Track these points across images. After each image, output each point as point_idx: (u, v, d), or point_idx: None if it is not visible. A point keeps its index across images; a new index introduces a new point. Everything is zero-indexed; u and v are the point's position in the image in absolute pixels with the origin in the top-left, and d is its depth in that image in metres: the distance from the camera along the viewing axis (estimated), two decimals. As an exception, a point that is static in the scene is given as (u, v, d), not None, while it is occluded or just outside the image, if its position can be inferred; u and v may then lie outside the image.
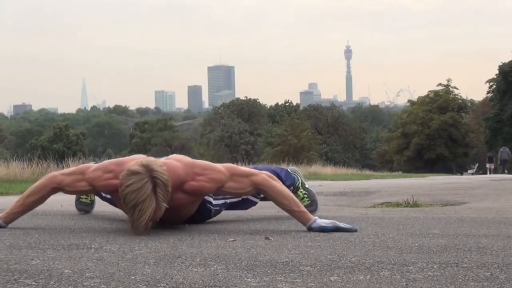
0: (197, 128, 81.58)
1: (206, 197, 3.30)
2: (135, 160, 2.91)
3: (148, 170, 2.79)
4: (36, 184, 3.18)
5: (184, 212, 3.17)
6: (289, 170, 3.85)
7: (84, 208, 4.07)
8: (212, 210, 3.40)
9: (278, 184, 3.08)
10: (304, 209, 3.06)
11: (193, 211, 3.21)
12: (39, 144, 53.07)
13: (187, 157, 3.15)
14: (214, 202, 3.38)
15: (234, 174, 3.06)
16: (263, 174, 3.10)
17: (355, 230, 3.00)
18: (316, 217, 3.06)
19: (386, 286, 1.69)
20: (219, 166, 3.09)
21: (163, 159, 3.10)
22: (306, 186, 3.84)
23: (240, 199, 3.50)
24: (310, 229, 2.98)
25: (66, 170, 3.21)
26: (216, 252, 2.30)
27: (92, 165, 3.16)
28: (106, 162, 3.15)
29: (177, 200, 2.99)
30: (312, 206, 3.76)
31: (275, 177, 3.17)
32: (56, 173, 3.20)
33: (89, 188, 3.10)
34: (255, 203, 3.61)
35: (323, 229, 2.96)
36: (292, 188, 3.74)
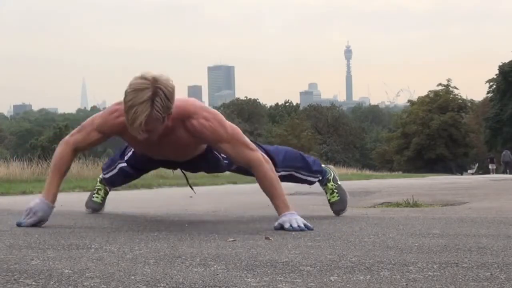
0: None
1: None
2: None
3: (154, 79, 2.83)
4: (56, 155, 3.23)
5: (186, 150, 3.21)
6: (323, 165, 3.87)
7: (93, 206, 4.08)
8: (221, 159, 3.39)
9: (269, 170, 3.07)
10: (283, 204, 3.04)
11: (196, 152, 3.25)
12: (39, 144, 52.97)
13: (204, 104, 3.19)
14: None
15: (235, 139, 3.08)
16: (259, 154, 3.09)
17: (310, 229, 2.96)
18: (291, 213, 3.00)
19: (386, 286, 1.68)
20: (227, 124, 3.11)
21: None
22: (339, 183, 3.82)
23: None
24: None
25: (73, 131, 3.29)
26: (216, 252, 2.30)
27: (96, 115, 3.25)
28: (110, 106, 3.23)
29: (180, 136, 3.05)
30: (340, 205, 3.77)
31: (270, 162, 3.13)
32: (66, 138, 3.27)
33: (100, 135, 3.18)
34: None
35: (281, 227, 2.98)
36: (319, 177, 3.76)
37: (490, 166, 36.10)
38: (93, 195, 4.10)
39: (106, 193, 4.10)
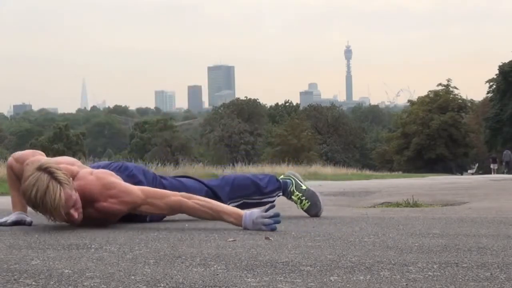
0: (197, 128, 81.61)
1: None
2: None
3: (35, 168, 2.88)
4: (7, 177, 3.42)
5: (105, 220, 3.21)
6: (278, 177, 3.76)
7: None
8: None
9: (191, 203, 3.06)
10: (232, 218, 3.03)
11: (119, 216, 3.23)
12: (39, 144, 52.87)
13: (111, 176, 3.14)
14: None
15: (150, 198, 3.09)
16: (178, 196, 3.09)
17: (274, 229, 2.94)
18: (248, 219, 2.99)
19: (386, 286, 1.68)
20: (136, 190, 3.11)
21: (88, 171, 3.16)
22: (303, 187, 3.70)
23: None
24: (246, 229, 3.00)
25: (16, 154, 3.33)
26: (216, 252, 2.30)
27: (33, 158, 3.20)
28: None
29: (91, 213, 3.10)
30: (313, 209, 3.68)
31: (191, 195, 3.13)
32: (9, 160, 3.36)
33: None
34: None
35: (250, 229, 2.97)
36: (278, 194, 3.68)
37: (492, 166, 36.16)
38: None
39: None
